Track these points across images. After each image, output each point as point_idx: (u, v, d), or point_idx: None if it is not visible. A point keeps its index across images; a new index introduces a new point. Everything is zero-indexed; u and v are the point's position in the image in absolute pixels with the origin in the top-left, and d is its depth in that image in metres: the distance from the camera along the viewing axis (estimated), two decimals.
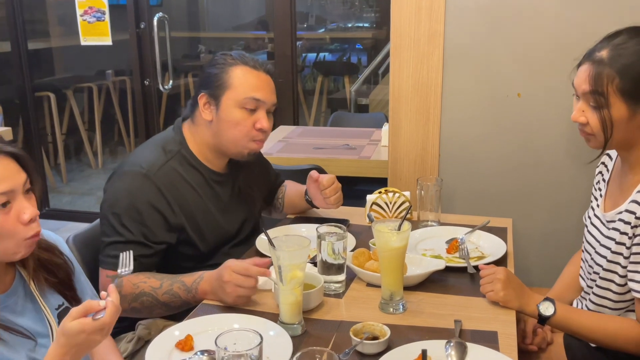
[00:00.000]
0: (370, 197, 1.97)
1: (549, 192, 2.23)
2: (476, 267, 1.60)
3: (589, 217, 1.60)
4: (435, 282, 1.57)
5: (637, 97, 1.34)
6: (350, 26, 6.69)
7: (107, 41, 3.83)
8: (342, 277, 1.54)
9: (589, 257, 1.54)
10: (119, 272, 1.23)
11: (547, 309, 1.41)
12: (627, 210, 1.38)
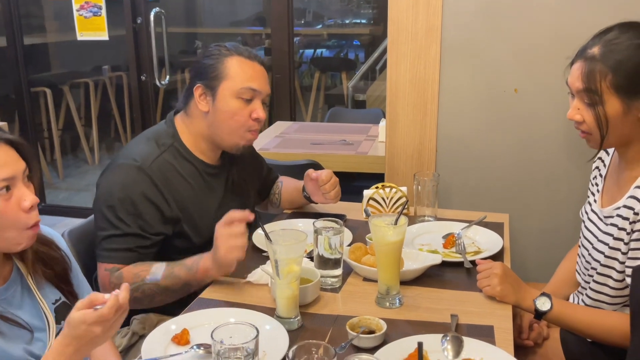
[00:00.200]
0: (367, 192, 1.97)
1: (545, 187, 2.24)
2: (473, 262, 1.60)
3: (586, 213, 1.60)
4: (431, 276, 1.57)
5: (631, 93, 1.33)
6: (347, 22, 6.68)
7: (103, 36, 3.82)
8: (338, 271, 1.54)
9: (586, 252, 1.54)
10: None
11: (543, 304, 1.42)
12: (625, 206, 1.37)
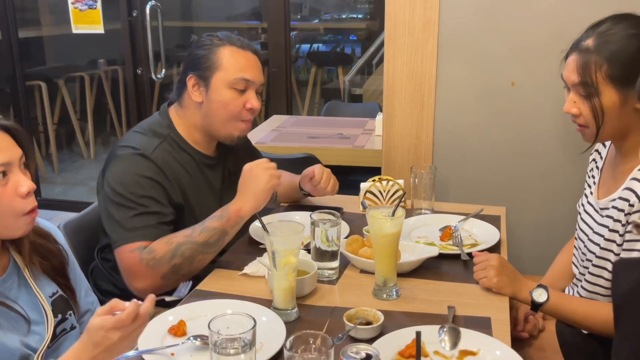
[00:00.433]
0: (364, 185, 1.97)
1: (542, 180, 2.24)
2: (469, 254, 1.60)
3: (582, 205, 1.60)
4: (428, 268, 1.57)
5: (627, 83, 1.33)
6: (344, 17, 6.66)
7: (99, 29, 3.80)
8: (335, 263, 1.54)
9: (582, 244, 1.54)
10: None
11: (540, 296, 1.42)
12: (621, 197, 1.38)
